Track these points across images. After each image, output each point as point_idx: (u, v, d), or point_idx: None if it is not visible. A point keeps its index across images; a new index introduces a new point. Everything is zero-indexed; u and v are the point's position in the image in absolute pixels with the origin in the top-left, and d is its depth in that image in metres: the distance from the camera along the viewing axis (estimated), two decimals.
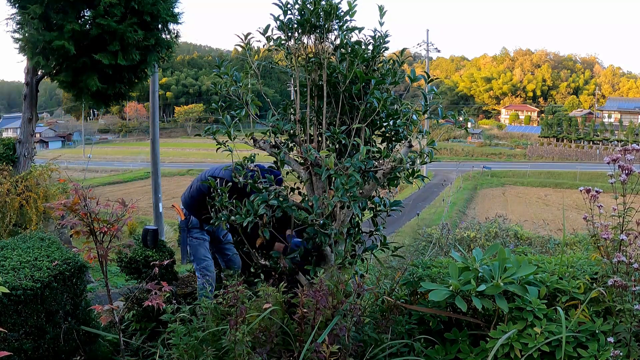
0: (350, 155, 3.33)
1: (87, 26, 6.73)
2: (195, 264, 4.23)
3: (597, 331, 2.81)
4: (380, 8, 3.40)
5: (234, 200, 3.48)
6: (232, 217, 3.38)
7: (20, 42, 6.79)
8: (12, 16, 6.80)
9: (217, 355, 2.70)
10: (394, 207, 3.61)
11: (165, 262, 3.29)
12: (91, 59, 6.65)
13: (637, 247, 2.90)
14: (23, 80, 7.62)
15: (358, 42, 3.47)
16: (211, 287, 3.94)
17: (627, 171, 2.90)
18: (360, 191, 3.28)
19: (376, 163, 3.36)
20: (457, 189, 32.72)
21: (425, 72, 3.45)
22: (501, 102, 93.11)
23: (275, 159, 3.58)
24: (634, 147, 2.95)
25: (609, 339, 2.72)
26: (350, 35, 3.45)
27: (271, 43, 3.51)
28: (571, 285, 3.07)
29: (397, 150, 3.48)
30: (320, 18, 3.40)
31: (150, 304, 2.83)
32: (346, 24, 3.42)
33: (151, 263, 3.42)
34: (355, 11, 3.41)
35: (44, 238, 4.01)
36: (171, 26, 7.48)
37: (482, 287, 2.89)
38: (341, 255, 3.33)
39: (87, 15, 6.84)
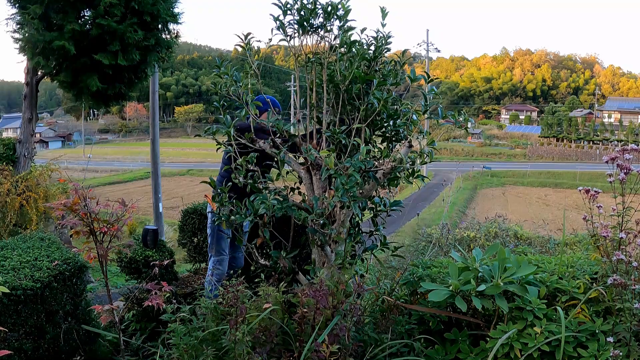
0: (350, 155, 3.33)
1: (87, 26, 6.72)
2: (212, 255, 4.21)
3: (597, 331, 2.81)
4: (383, 9, 3.40)
5: (234, 200, 3.48)
6: (232, 217, 3.39)
7: (20, 42, 6.79)
8: (12, 16, 6.80)
9: (217, 355, 2.70)
10: (394, 207, 3.62)
11: (165, 262, 3.29)
12: (91, 59, 6.65)
13: (636, 245, 2.90)
14: (23, 80, 7.62)
15: (357, 42, 3.47)
16: (214, 285, 3.93)
17: (625, 170, 2.91)
18: (360, 191, 3.28)
19: (376, 163, 3.36)
20: (457, 189, 32.70)
21: (425, 72, 3.45)
22: (501, 102, 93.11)
23: (275, 159, 3.59)
24: (632, 147, 2.96)
25: (608, 339, 2.72)
26: (349, 34, 3.45)
27: (272, 43, 3.51)
28: (571, 285, 3.07)
29: (397, 150, 3.49)
30: (320, 18, 3.41)
31: (150, 304, 2.83)
32: (346, 24, 3.42)
33: (151, 263, 3.42)
34: (349, 10, 3.41)
35: (44, 238, 4.01)
36: (171, 26, 7.47)
37: (482, 287, 2.89)
38: (341, 256, 3.34)
39: (87, 16, 6.84)
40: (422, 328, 3.26)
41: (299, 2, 3.38)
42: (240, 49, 3.73)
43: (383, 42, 3.46)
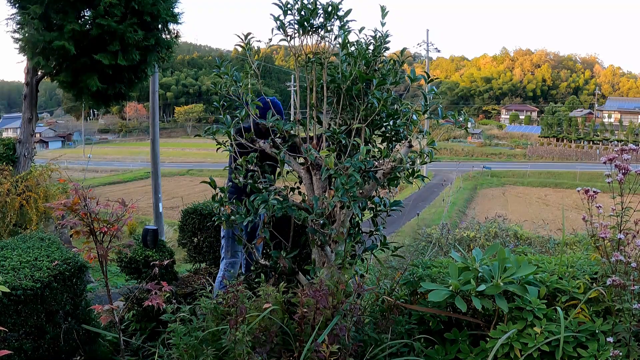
0: (350, 155, 3.33)
1: (87, 26, 6.72)
2: (225, 257, 4.21)
3: (597, 331, 2.81)
4: (382, 8, 3.40)
5: (234, 200, 3.48)
6: (232, 217, 3.39)
7: (20, 42, 6.79)
8: (12, 16, 6.80)
9: (217, 355, 2.70)
10: (394, 207, 3.62)
11: (165, 262, 3.30)
12: (91, 59, 6.64)
13: (635, 246, 2.90)
14: (23, 80, 7.61)
15: (357, 42, 3.47)
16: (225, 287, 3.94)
17: (623, 170, 2.90)
18: (360, 191, 3.28)
19: (376, 163, 3.36)
20: (457, 189, 32.74)
21: (425, 72, 3.45)
22: (501, 102, 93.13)
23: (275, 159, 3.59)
24: (630, 147, 2.96)
25: (608, 339, 2.72)
26: (348, 34, 3.45)
27: (272, 43, 3.51)
28: (571, 285, 3.07)
29: (397, 150, 3.49)
30: (321, 18, 3.41)
31: (150, 303, 2.83)
32: (347, 25, 3.42)
33: (151, 263, 3.42)
34: (350, 10, 3.41)
35: (44, 238, 4.01)
36: (171, 26, 7.47)
37: (482, 287, 2.89)
38: (341, 256, 3.34)
39: (87, 16, 6.84)
40: (422, 328, 3.26)
41: (299, 2, 3.38)
42: (240, 49, 3.73)
43: (382, 41, 3.46)
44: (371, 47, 3.47)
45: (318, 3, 3.38)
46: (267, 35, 3.49)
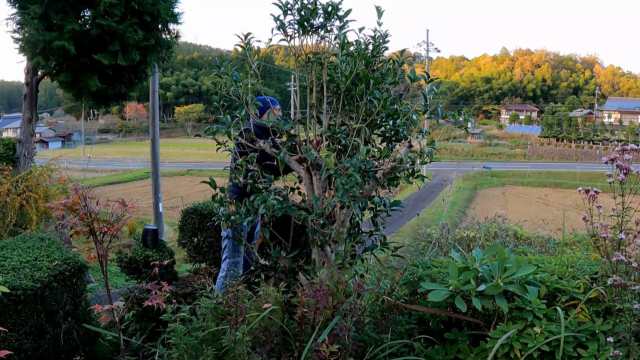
0: (350, 155, 3.33)
1: (87, 26, 6.72)
2: (228, 257, 4.23)
3: (597, 331, 2.81)
4: (378, 8, 3.40)
5: (235, 200, 3.48)
6: (232, 217, 3.39)
7: (20, 42, 6.79)
8: (12, 16, 6.80)
9: (217, 355, 2.70)
10: (394, 207, 3.62)
11: (165, 262, 3.29)
12: (91, 59, 6.65)
13: (636, 246, 2.90)
14: (23, 80, 7.62)
15: (357, 42, 3.47)
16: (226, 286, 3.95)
17: (625, 170, 2.90)
18: (360, 191, 3.28)
19: (376, 163, 3.36)
20: (457, 189, 32.76)
21: (425, 72, 3.45)
22: (501, 102, 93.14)
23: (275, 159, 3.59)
24: (632, 147, 2.96)
25: (608, 339, 2.72)
26: (347, 32, 3.45)
27: (272, 43, 3.51)
28: (571, 285, 3.07)
29: (397, 150, 3.49)
30: (320, 18, 3.41)
31: (150, 303, 2.83)
32: (347, 25, 3.42)
33: (151, 263, 3.42)
34: (350, 10, 3.41)
35: (44, 238, 4.01)
36: (171, 26, 7.47)
37: (482, 287, 2.89)
38: (341, 256, 3.34)
39: (87, 16, 6.84)
40: (422, 328, 3.26)
41: (299, 2, 3.38)
42: (240, 49, 3.73)
43: (381, 41, 3.46)
44: (370, 47, 3.47)
45: (318, 3, 3.38)
46: (267, 35, 3.50)
